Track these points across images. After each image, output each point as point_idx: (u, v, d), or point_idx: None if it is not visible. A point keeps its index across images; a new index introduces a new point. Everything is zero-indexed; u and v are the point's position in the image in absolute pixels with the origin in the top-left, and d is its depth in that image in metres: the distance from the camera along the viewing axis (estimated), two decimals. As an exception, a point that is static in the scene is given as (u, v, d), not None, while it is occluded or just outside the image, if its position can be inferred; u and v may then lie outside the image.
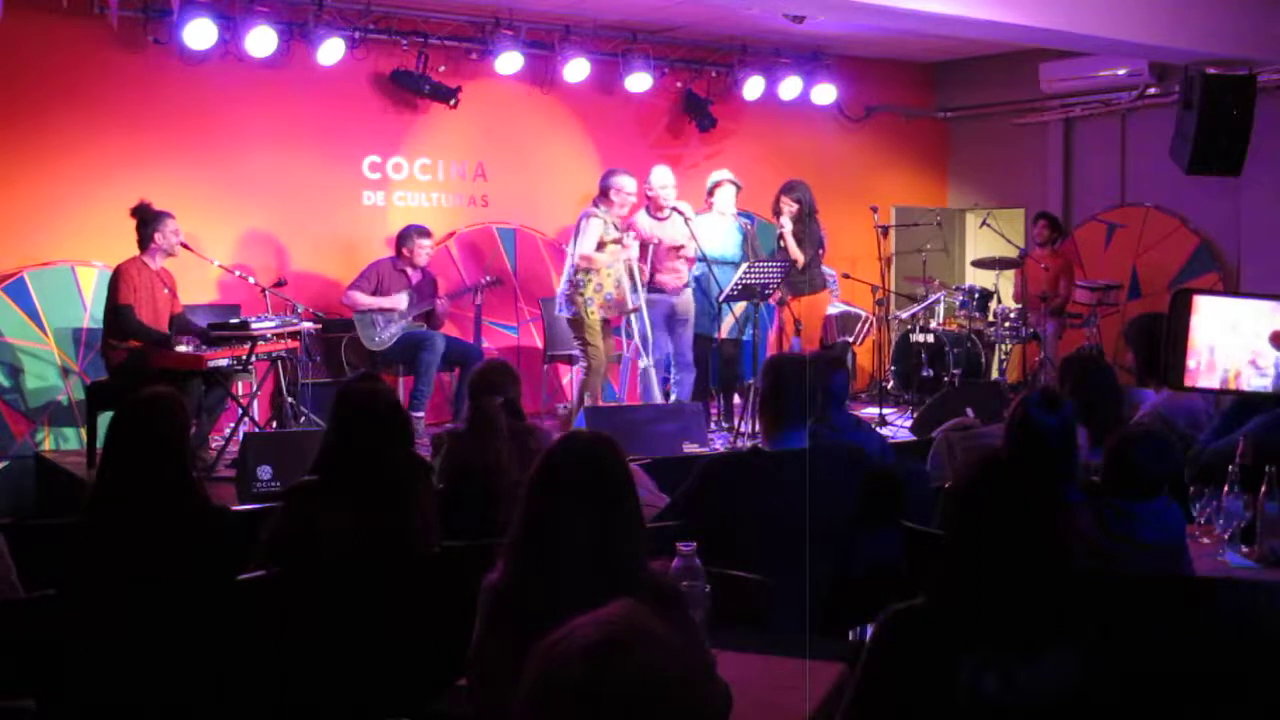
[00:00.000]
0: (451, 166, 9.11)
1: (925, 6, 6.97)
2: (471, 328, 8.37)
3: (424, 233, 7.88)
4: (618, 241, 7.33)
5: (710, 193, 7.97)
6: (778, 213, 8.08)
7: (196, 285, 7.82)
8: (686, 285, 7.75)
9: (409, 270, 7.82)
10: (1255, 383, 3.83)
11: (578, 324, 7.41)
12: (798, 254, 7.97)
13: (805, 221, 7.99)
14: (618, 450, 2.44)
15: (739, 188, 8.04)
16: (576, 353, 8.33)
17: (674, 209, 7.62)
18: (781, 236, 7.98)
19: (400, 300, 7.68)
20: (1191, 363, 3.81)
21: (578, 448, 2.44)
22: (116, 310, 6.47)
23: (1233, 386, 3.85)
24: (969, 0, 7.10)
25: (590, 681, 1.32)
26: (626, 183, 7.43)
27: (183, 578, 3.18)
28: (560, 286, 7.61)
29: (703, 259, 7.59)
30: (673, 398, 7.55)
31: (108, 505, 3.27)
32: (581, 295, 7.32)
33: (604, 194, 7.43)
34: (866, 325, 9.06)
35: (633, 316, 7.43)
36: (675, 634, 1.43)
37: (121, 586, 3.12)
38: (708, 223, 7.84)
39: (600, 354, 7.39)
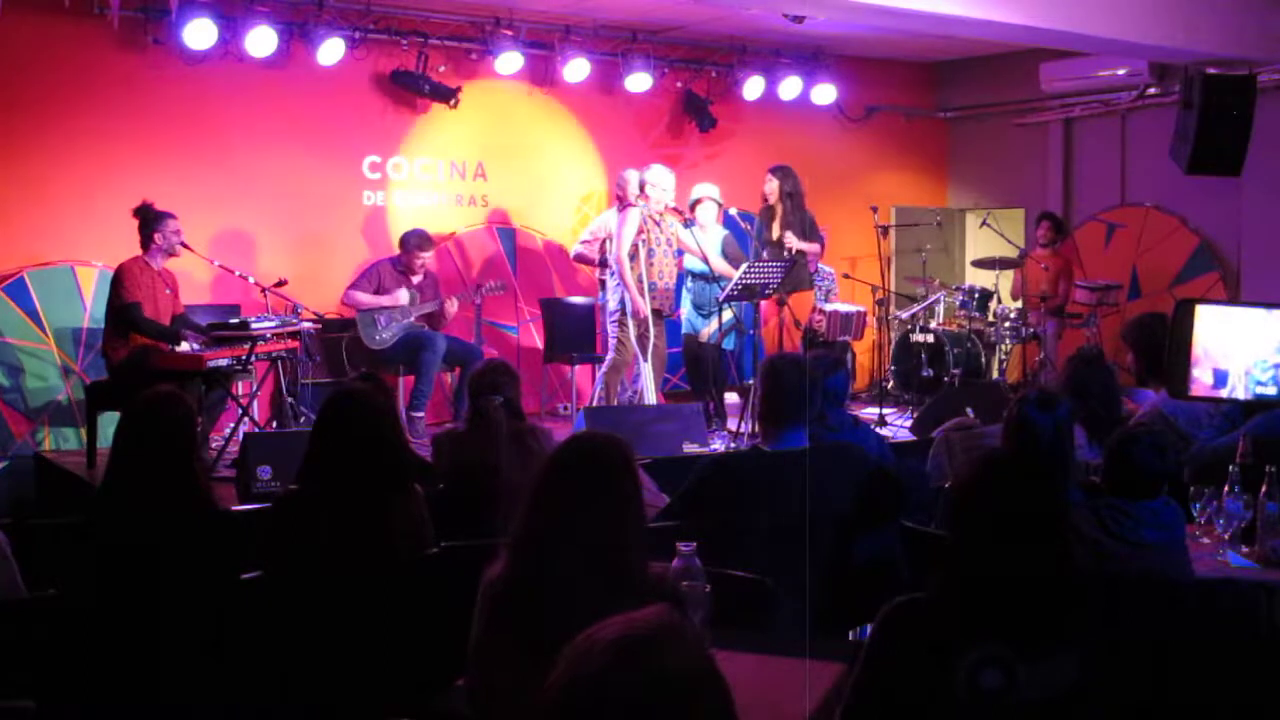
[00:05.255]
0: (451, 166, 9.11)
1: (925, 6, 6.97)
2: (472, 328, 8.37)
3: (424, 245, 7.80)
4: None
5: (692, 207, 7.99)
6: (765, 198, 8.14)
7: (196, 285, 7.83)
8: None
9: (409, 272, 7.82)
10: (1258, 389, 3.84)
11: (614, 318, 7.42)
12: (812, 248, 8.06)
13: (793, 205, 8.03)
14: (626, 451, 2.44)
15: (720, 205, 8.14)
16: (578, 352, 8.40)
17: (674, 210, 7.65)
18: (790, 248, 7.98)
19: (401, 296, 7.66)
20: (1195, 371, 3.81)
21: (587, 448, 2.44)
22: (125, 308, 6.46)
23: (1237, 395, 3.86)
24: (969, 0, 7.10)
25: (615, 675, 1.32)
26: (661, 177, 7.45)
27: (186, 578, 3.18)
28: (608, 278, 7.62)
29: (704, 262, 7.64)
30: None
31: (114, 504, 3.27)
32: (621, 290, 7.35)
33: (641, 190, 7.47)
34: (863, 320, 9.04)
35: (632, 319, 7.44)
36: (705, 639, 1.43)
37: (125, 586, 3.12)
38: (694, 234, 7.87)
39: (626, 351, 7.40)
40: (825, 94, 10.07)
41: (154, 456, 3.29)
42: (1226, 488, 3.55)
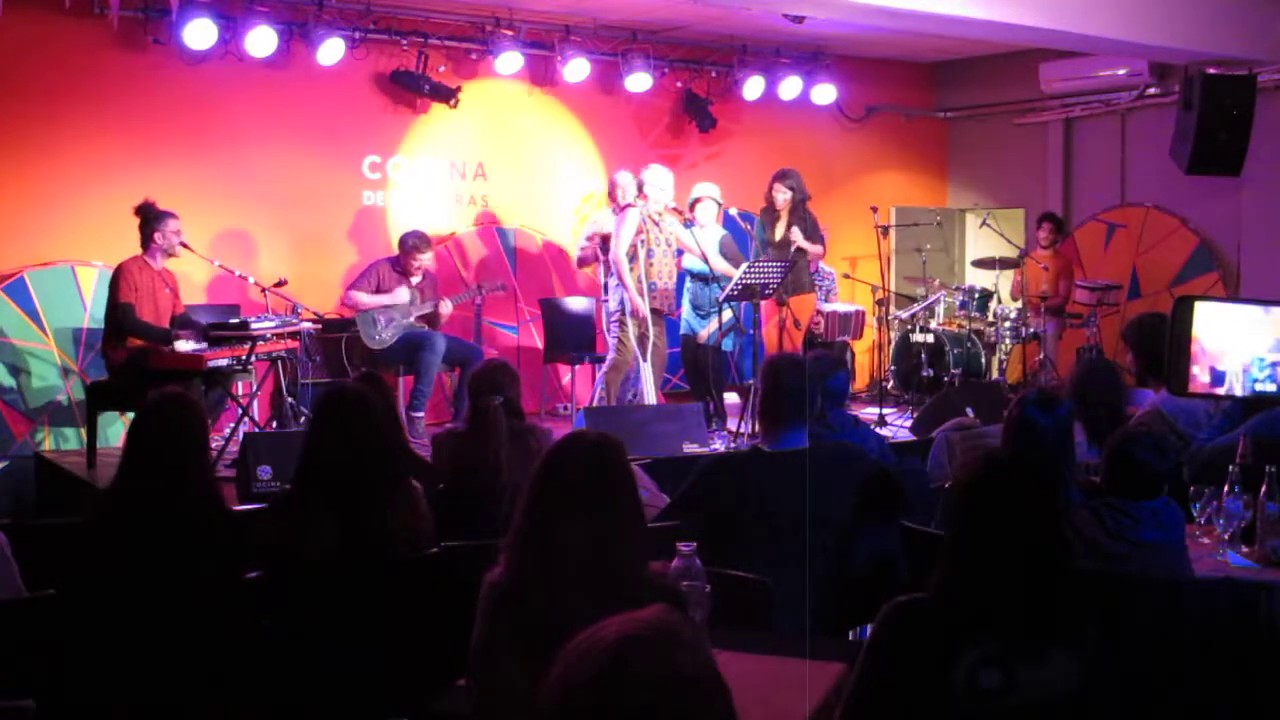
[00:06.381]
0: (451, 166, 9.11)
1: (925, 6, 6.98)
2: (471, 328, 8.37)
3: (422, 246, 7.73)
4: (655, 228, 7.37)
5: (692, 206, 7.97)
6: (771, 201, 8.12)
7: (196, 285, 7.83)
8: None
9: (407, 274, 7.80)
10: (1257, 387, 3.83)
11: (615, 318, 7.41)
12: (816, 249, 8.08)
13: (799, 210, 8.04)
14: (621, 451, 2.44)
15: (720, 205, 8.09)
16: (578, 352, 8.40)
17: (674, 210, 7.64)
18: (798, 248, 7.97)
19: (401, 294, 7.65)
20: (1194, 369, 3.81)
21: (582, 447, 2.44)
22: (117, 308, 6.47)
23: (1236, 392, 3.85)
24: (969, 0, 7.11)
25: (614, 675, 1.32)
26: (659, 176, 7.43)
27: (193, 579, 3.18)
28: (609, 279, 7.60)
29: (704, 261, 7.62)
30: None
31: (126, 504, 3.26)
32: (620, 290, 7.34)
33: (639, 190, 7.46)
34: (861, 319, 9.02)
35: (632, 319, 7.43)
36: (705, 639, 1.43)
37: (134, 586, 3.12)
38: (694, 234, 7.84)
39: (627, 351, 7.38)
40: (825, 94, 10.08)
41: (168, 456, 3.29)
42: (1226, 488, 3.55)
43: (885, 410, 8.50)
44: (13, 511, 6.53)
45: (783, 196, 8.07)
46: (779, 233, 8.12)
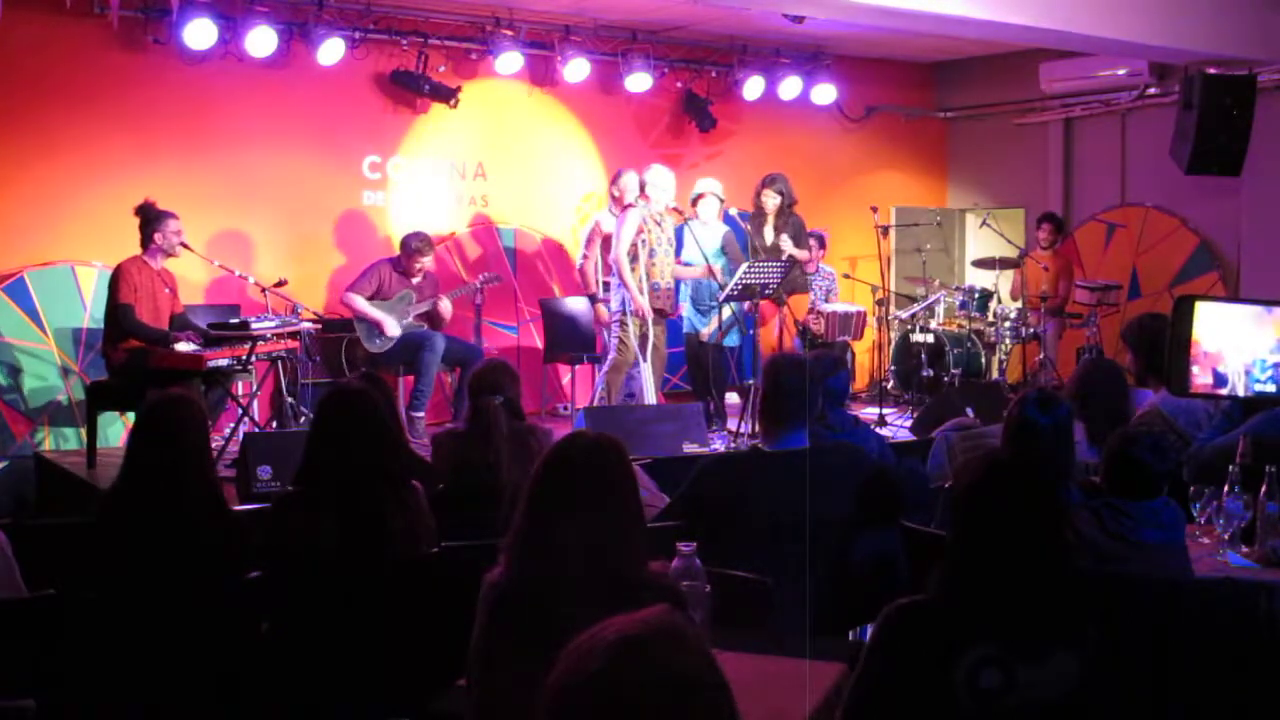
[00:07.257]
0: (451, 166, 9.10)
1: (925, 6, 6.98)
2: (471, 328, 8.37)
3: (424, 249, 7.70)
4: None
5: (694, 203, 7.97)
6: (759, 207, 8.14)
7: (196, 285, 7.83)
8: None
9: (408, 275, 7.79)
10: (1258, 387, 3.83)
11: (616, 318, 7.40)
12: (803, 254, 8.09)
13: (785, 214, 8.06)
14: (621, 451, 2.44)
15: (722, 201, 8.07)
16: (578, 352, 8.39)
17: (675, 210, 7.64)
18: (789, 255, 7.97)
19: (392, 326, 7.58)
20: (1195, 369, 3.81)
21: (582, 447, 2.43)
22: (116, 309, 6.46)
23: (1238, 392, 3.85)
24: (969, 0, 7.11)
25: (615, 675, 1.32)
26: (661, 177, 7.42)
27: (194, 579, 3.18)
28: (610, 278, 7.58)
29: (705, 262, 7.62)
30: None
31: (129, 505, 3.26)
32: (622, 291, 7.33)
33: (641, 190, 7.45)
34: (862, 319, 9.01)
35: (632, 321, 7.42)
36: (705, 639, 1.43)
37: (134, 586, 3.12)
38: (695, 229, 7.84)
39: (628, 351, 7.37)
40: (825, 94, 10.07)
41: (169, 457, 3.29)
42: (1226, 488, 3.55)
43: (885, 410, 8.50)
44: (13, 511, 6.53)
45: (771, 201, 8.10)
46: (768, 237, 8.13)
